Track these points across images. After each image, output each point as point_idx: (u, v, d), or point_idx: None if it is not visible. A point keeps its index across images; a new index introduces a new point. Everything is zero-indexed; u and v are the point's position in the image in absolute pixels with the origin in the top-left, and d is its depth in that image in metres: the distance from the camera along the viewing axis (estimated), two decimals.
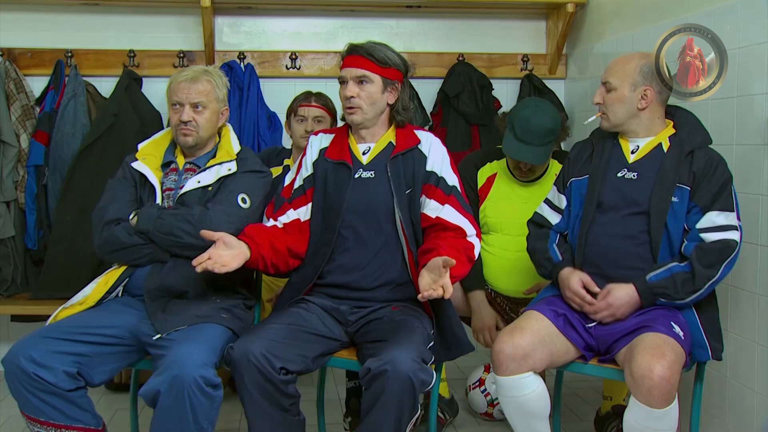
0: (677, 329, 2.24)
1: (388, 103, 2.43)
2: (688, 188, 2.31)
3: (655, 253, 2.33)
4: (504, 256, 2.91)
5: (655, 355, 2.09)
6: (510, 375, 2.27)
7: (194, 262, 2.17)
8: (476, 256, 2.37)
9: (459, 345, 2.39)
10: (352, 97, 2.38)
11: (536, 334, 2.29)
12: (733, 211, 2.30)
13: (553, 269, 2.46)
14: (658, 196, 2.33)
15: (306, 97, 3.15)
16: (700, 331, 2.31)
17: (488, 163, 3.01)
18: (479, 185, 2.98)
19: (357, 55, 2.38)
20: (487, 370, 3.07)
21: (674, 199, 2.31)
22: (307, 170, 2.49)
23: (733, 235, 2.27)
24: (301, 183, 2.49)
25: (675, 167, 2.32)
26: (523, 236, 2.84)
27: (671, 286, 2.27)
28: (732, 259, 2.27)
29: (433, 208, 2.38)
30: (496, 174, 2.98)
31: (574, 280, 2.37)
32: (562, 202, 2.53)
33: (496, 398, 2.95)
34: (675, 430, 2.14)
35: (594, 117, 2.50)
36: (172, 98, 2.51)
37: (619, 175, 2.41)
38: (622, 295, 2.30)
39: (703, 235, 2.28)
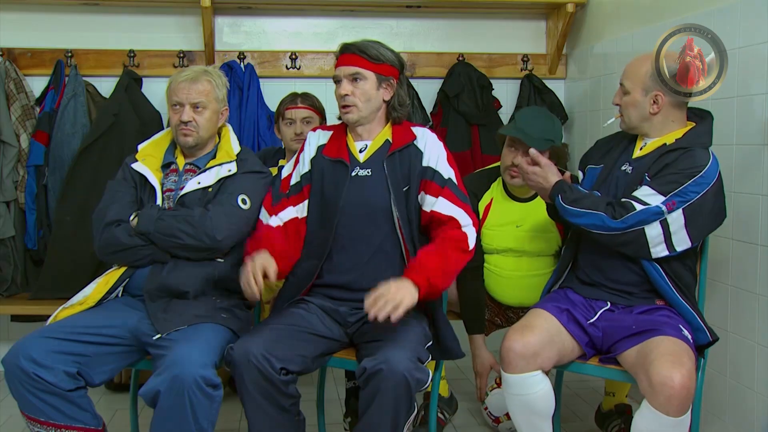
0: (685, 332, 2.24)
1: (383, 100, 2.42)
2: (649, 179, 2.31)
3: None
4: (502, 274, 2.91)
5: (675, 363, 2.08)
6: (519, 373, 2.27)
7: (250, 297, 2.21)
8: (471, 246, 2.33)
9: (449, 352, 2.38)
10: (347, 95, 2.37)
11: (545, 333, 2.29)
12: (664, 195, 2.22)
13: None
14: (629, 188, 2.34)
15: (292, 99, 3.12)
16: (695, 317, 2.31)
17: (486, 192, 2.96)
18: (480, 216, 2.94)
19: (349, 53, 2.37)
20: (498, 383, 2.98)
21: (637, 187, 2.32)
22: (304, 166, 2.48)
23: (638, 206, 2.23)
24: (299, 180, 2.48)
25: (652, 162, 2.33)
26: (517, 258, 2.84)
27: (569, 191, 2.32)
28: (623, 219, 2.23)
29: (428, 203, 2.37)
30: (492, 201, 2.93)
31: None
32: (580, 176, 2.60)
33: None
34: None
35: (613, 119, 2.49)
36: (172, 98, 2.51)
37: (622, 168, 2.43)
38: (544, 175, 2.38)
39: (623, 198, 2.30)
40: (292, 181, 2.49)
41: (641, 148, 2.42)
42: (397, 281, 2.18)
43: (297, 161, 2.52)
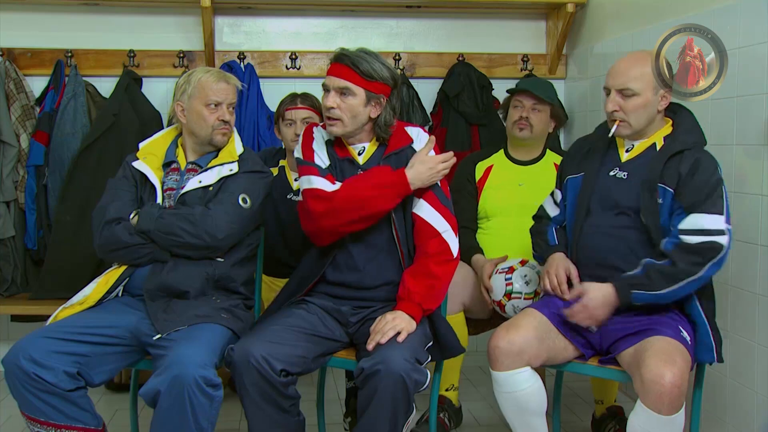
0: (684, 334, 2.24)
1: (370, 117, 2.36)
2: (672, 190, 2.28)
3: (641, 253, 2.31)
4: (503, 235, 2.94)
5: (666, 361, 2.08)
6: (505, 370, 2.27)
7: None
8: (455, 254, 2.36)
9: (449, 349, 2.38)
10: (332, 108, 2.32)
11: (533, 331, 2.29)
12: (722, 214, 2.23)
13: (547, 250, 2.48)
14: (644, 196, 2.32)
15: (292, 100, 3.10)
16: (708, 334, 2.27)
17: (486, 158, 3.13)
18: (478, 177, 3.08)
19: (342, 64, 2.31)
20: (522, 263, 2.81)
21: (658, 200, 2.29)
22: (325, 159, 2.40)
23: (721, 239, 2.20)
24: (324, 166, 2.39)
25: (660, 166, 2.31)
26: (520, 217, 2.86)
27: (646, 279, 2.24)
28: (718, 260, 2.21)
29: (413, 204, 2.37)
30: (492, 165, 3.09)
31: (561, 265, 2.39)
32: (558, 196, 2.57)
33: (518, 292, 2.74)
34: None
35: (615, 128, 2.38)
36: (210, 98, 2.49)
37: (611, 173, 2.41)
38: (598, 296, 2.27)
39: (683, 237, 2.22)
40: (320, 165, 2.38)
41: (628, 151, 2.41)
42: (392, 313, 2.26)
43: (311, 152, 2.41)
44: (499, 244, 2.95)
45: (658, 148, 2.37)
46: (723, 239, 2.21)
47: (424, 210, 2.35)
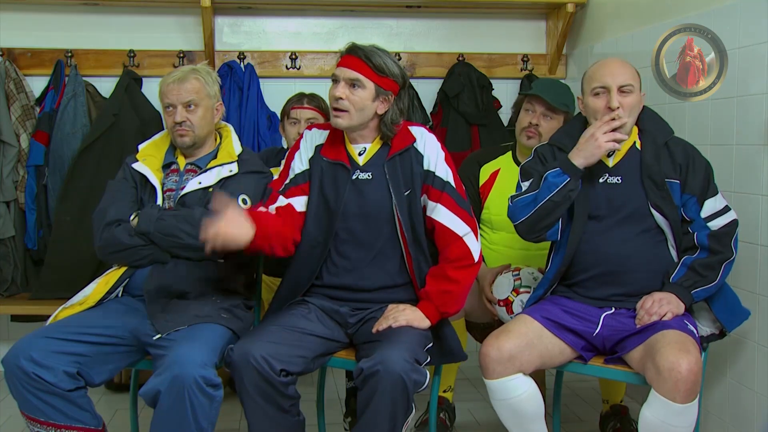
0: (691, 327, 2.26)
1: (377, 113, 2.35)
2: (678, 182, 2.35)
3: (655, 252, 2.35)
4: (508, 254, 2.88)
5: (682, 350, 2.10)
6: (497, 378, 2.27)
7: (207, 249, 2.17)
8: (476, 258, 2.35)
9: (452, 354, 2.39)
10: (341, 98, 2.31)
11: (523, 337, 2.29)
12: (718, 192, 2.38)
13: (560, 158, 2.36)
14: (654, 193, 2.33)
15: (298, 99, 3.11)
16: (733, 296, 2.41)
17: (492, 160, 3.00)
18: (482, 181, 2.96)
19: (355, 56, 2.31)
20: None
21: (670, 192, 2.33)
22: (302, 164, 2.44)
23: (732, 215, 2.37)
24: (294, 177, 2.43)
25: (657, 163, 2.35)
26: None
27: (696, 276, 2.32)
28: (737, 235, 2.37)
29: (429, 209, 2.37)
30: (499, 170, 2.96)
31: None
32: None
33: (527, 286, 2.69)
34: (692, 430, 2.14)
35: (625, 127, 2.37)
36: (164, 101, 2.51)
37: (601, 180, 2.40)
38: (660, 294, 2.32)
39: (710, 224, 2.35)
40: (289, 179, 2.44)
41: (610, 155, 2.39)
42: (409, 306, 2.31)
43: (290, 159, 2.47)
44: (504, 262, 2.87)
45: (638, 147, 2.39)
46: (733, 214, 2.37)
47: (441, 214, 2.34)
